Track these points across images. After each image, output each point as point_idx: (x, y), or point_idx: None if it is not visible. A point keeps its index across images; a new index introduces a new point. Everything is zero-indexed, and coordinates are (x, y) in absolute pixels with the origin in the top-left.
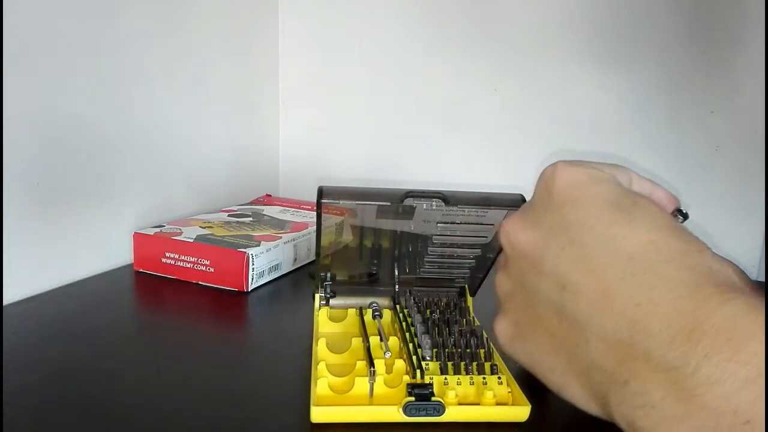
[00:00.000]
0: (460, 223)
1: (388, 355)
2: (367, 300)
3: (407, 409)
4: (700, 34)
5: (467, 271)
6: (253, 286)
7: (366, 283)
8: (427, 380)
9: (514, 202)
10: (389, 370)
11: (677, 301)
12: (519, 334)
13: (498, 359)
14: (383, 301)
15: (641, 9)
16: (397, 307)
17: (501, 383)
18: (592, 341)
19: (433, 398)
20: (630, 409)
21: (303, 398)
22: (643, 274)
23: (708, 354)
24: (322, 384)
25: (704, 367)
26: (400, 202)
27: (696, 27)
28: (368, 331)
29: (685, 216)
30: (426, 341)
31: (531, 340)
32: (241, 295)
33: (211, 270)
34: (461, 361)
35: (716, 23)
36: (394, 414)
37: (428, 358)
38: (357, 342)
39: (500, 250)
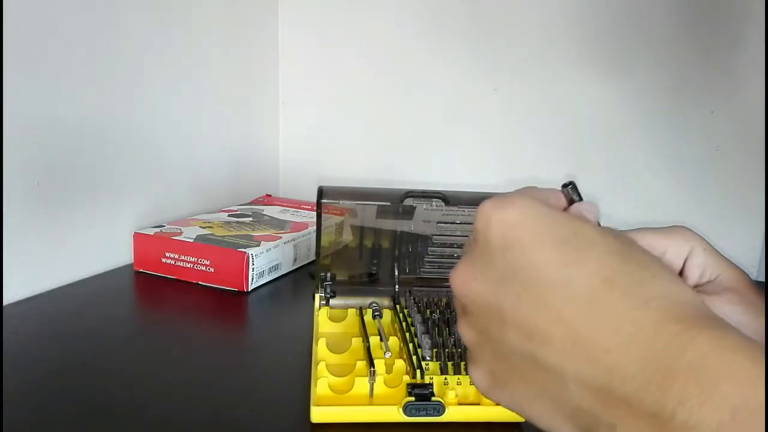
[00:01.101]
0: (460, 223)
1: (388, 355)
2: (367, 300)
3: (407, 409)
4: (700, 34)
5: None
6: (253, 286)
7: (366, 283)
8: (427, 380)
9: None
10: (389, 370)
11: (644, 345)
12: (496, 384)
13: None
14: (383, 301)
15: (641, 9)
16: (397, 307)
17: None
18: (572, 388)
19: (433, 398)
20: None
21: (303, 398)
22: (605, 317)
23: (681, 400)
24: (322, 384)
25: (680, 413)
26: (400, 202)
27: (696, 27)
28: (368, 331)
29: (573, 185)
30: (426, 341)
31: (510, 389)
32: (241, 295)
33: (211, 270)
34: (461, 361)
35: (716, 23)
36: (394, 414)
37: (428, 358)
38: (357, 342)
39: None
